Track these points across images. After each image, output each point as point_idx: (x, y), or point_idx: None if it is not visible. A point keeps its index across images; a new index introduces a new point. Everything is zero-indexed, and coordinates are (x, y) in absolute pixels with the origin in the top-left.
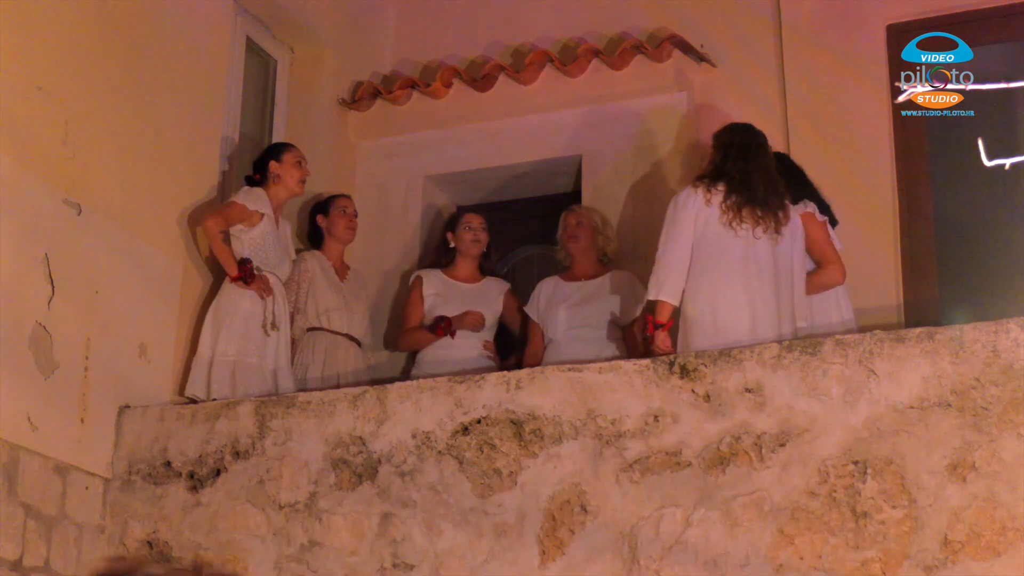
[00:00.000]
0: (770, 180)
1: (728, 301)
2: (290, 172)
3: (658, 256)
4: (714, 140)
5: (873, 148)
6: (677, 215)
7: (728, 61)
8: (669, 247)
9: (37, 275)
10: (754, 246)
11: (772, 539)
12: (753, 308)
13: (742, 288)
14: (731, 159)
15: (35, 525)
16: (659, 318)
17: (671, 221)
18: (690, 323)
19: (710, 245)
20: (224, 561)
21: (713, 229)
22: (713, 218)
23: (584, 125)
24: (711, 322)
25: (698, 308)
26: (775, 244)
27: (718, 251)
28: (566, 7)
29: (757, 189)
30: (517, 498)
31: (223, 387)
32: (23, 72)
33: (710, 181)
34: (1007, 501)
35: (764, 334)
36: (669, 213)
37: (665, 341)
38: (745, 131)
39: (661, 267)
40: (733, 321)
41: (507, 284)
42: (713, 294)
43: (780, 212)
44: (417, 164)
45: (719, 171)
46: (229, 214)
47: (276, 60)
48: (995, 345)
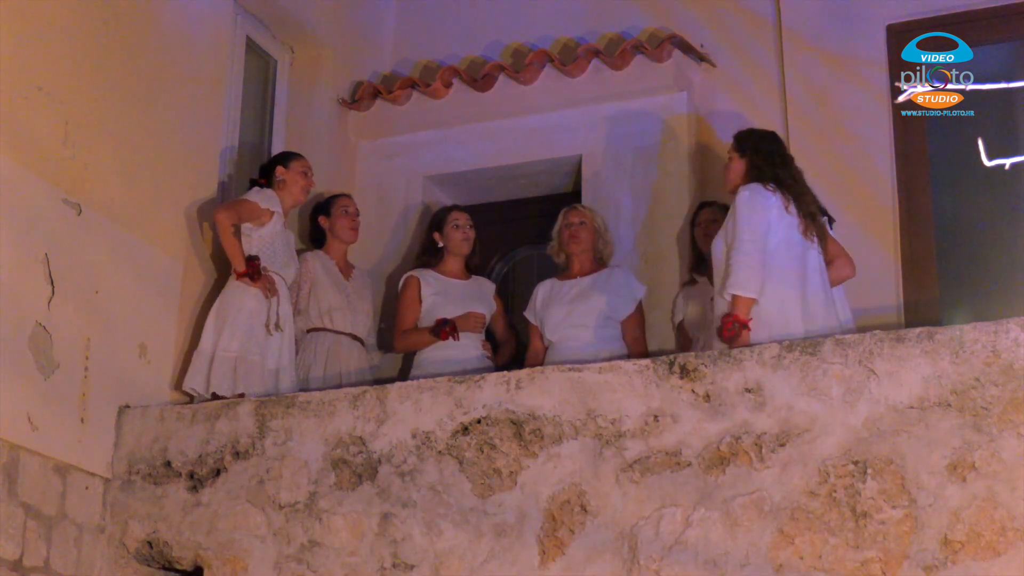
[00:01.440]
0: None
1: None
2: (296, 180)
3: (737, 252)
4: (749, 143)
5: (873, 148)
6: (756, 215)
7: (728, 61)
8: (751, 246)
9: (37, 275)
10: (818, 259)
11: (772, 539)
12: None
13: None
14: (778, 166)
15: (35, 525)
16: (741, 314)
17: (749, 218)
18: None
19: (786, 252)
20: (224, 561)
21: (791, 236)
22: (793, 225)
23: (584, 125)
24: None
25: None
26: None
27: (793, 260)
28: (566, 7)
29: (808, 196)
30: (517, 498)
31: (223, 383)
32: (23, 72)
33: (776, 187)
34: (1007, 501)
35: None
36: (743, 211)
37: (747, 339)
38: (778, 141)
39: (742, 263)
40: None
41: (493, 284)
42: (783, 300)
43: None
44: (417, 164)
45: (777, 178)
46: (241, 210)
47: (276, 60)
48: (995, 345)
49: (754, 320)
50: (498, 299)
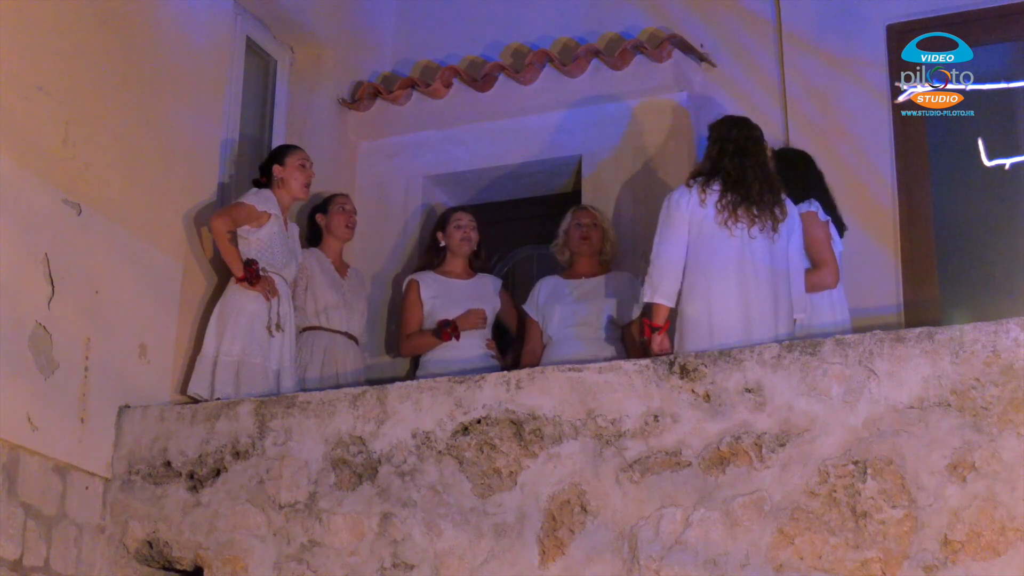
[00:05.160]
0: (766, 177)
1: (723, 302)
2: (293, 175)
3: (652, 257)
4: (711, 132)
5: (873, 148)
6: (671, 215)
7: (728, 61)
8: (663, 248)
9: (37, 275)
10: (750, 246)
11: (772, 539)
12: (747, 309)
13: (737, 289)
14: (727, 155)
15: (35, 525)
16: (655, 321)
17: (665, 221)
18: (686, 324)
19: (705, 246)
20: (224, 561)
21: (708, 229)
22: (708, 218)
23: (584, 125)
24: (707, 323)
25: (694, 309)
26: (772, 243)
27: (712, 252)
28: (566, 7)
29: (753, 187)
30: (517, 498)
31: (227, 387)
32: (23, 72)
33: (705, 180)
34: (1007, 501)
35: (759, 335)
36: (663, 213)
37: (663, 344)
38: (742, 126)
39: (655, 269)
40: (728, 322)
41: (499, 280)
42: (708, 295)
43: (776, 209)
44: (417, 164)
45: (715, 168)
46: (237, 214)
47: (276, 60)
48: (995, 345)
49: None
50: (506, 293)
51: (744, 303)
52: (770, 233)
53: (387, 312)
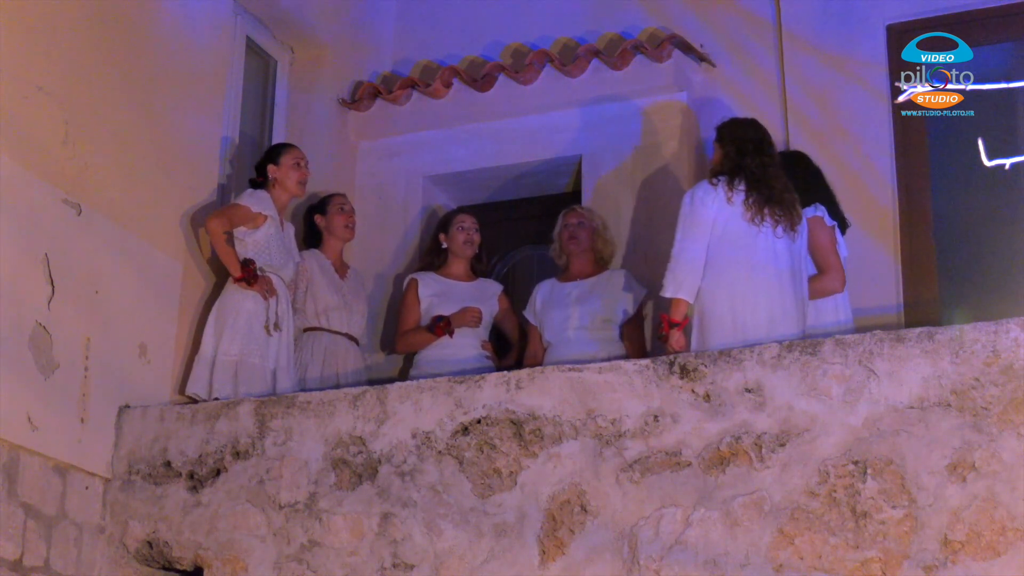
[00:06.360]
0: (784, 178)
1: (748, 299)
2: (288, 174)
3: (675, 253)
4: (723, 134)
5: (873, 148)
6: (696, 212)
7: (728, 61)
8: (687, 244)
9: (37, 275)
10: (775, 245)
11: (772, 539)
12: (771, 306)
13: (763, 286)
14: (748, 154)
15: (35, 525)
16: (675, 316)
17: (689, 218)
18: (708, 320)
19: (732, 243)
20: (224, 561)
21: (735, 228)
22: (736, 216)
23: (584, 125)
24: (730, 320)
25: (717, 306)
26: (792, 243)
27: (739, 250)
28: (566, 7)
29: (775, 187)
30: (517, 498)
31: (225, 387)
32: (23, 72)
33: (729, 178)
34: (1007, 501)
35: (784, 332)
36: (685, 209)
37: (680, 340)
38: (756, 127)
39: (678, 265)
40: (752, 319)
41: (500, 285)
42: (733, 292)
43: (796, 210)
44: (417, 164)
45: (737, 167)
46: (233, 216)
47: (276, 60)
48: (995, 345)
49: (707, 318)
50: (506, 298)
51: (768, 301)
52: (791, 233)
53: (387, 312)
